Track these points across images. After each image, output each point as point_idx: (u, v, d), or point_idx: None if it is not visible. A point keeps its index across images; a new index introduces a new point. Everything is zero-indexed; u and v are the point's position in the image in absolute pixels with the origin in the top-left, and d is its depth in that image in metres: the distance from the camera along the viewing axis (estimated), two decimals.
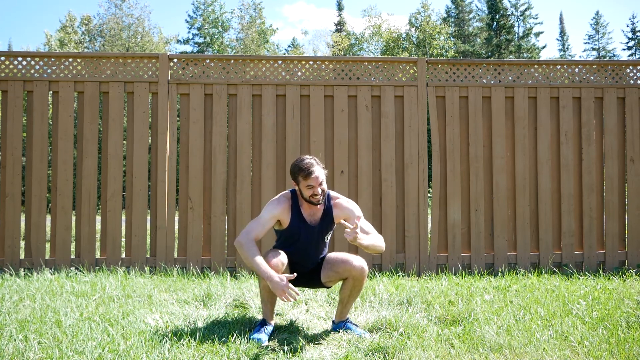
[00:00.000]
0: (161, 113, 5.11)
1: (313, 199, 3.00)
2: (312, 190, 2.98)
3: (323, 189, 3.01)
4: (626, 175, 5.48)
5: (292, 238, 3.11)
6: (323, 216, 3.12)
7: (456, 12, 36.63)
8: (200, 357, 2.54)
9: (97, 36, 29.13)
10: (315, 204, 3.02)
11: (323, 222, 3.12)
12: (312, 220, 3.10)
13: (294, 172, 3.02)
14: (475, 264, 5.22)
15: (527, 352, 2.69)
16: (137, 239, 4.99)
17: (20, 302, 3.52)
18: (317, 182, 2.97)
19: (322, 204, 3.09)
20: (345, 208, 3.12)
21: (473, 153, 5.31)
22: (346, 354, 2.66)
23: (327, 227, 3.15)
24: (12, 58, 5.04)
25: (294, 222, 3.07)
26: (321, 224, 3.11)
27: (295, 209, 3.09)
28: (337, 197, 3.18)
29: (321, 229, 3.12)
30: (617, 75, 5.52)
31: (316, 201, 3.01)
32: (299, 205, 3.10)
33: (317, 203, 3.02)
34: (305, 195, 3.01)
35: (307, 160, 3.00)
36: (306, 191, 3.00)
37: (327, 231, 3.16)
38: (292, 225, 3.08)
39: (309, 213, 3.10)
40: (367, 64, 5.35)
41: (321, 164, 3.06)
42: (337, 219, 3.13)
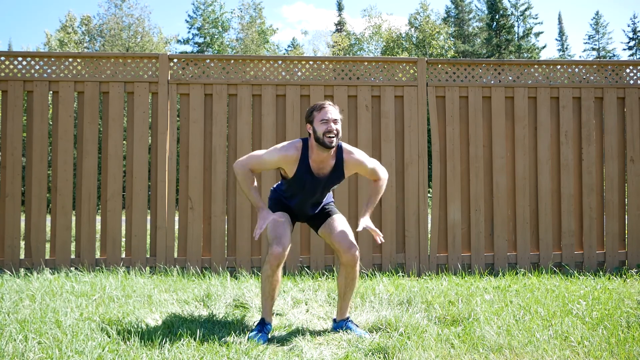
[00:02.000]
0: (161, 113, 5.11)
1: (327, 137, 2.83)
2: (327, 125, 2.83)
3: (338, 129, 2.86)
4: (626, 175, 5.48)
5: (296, 187, 3.03)
6: (333, 170, 2.99)
7: (456, 12, 36.62)
8: (200, 357, 2.54)
9: (97, 36, 29.11)
10: (328, 145, 2.84)
11: (332, 175, 3.01)
12: (320, 173, 2.97)
13: (308, 111, 2.94)
14: (475, 264, 5.22)
15: (527, 352, 2.69)
16: (137, 239, 4.99)
17: (20, 302, 3.52)
18: (331, 116, 2.84)
19: (334, 156, 2.96)
20: (357, 165, 3.03)
21: (473, 153, 5.31)
22: (346, 354, 2.66)
23: (335, 181, 3.06)
24: (12, 58, 5.04)
25: (299, 173, 2.95)
26: (329, 177, 3.01)
27: (304, 160, 2.94)
28: (350, 151, 3.01)
29: (328, 182, 3.03)
30: (617, 75, 5.52)
31: (329, 141, 2.84)
32: (308, 156, 2.94)
33: (330, 144, 2.84)
34: (319, 133, 2.84)
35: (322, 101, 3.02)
36: (320, 127, 2.84)
37: (334, 184, 3.08)
38: (297, 177, 2.96)
39: (317, 166, 2.95)
40: (367, 64, 5.35)
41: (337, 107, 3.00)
42: (347, 173, 3.04)
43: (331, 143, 2.85)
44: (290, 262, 5.05)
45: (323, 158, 2.95)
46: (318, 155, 2.94)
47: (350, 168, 3.03)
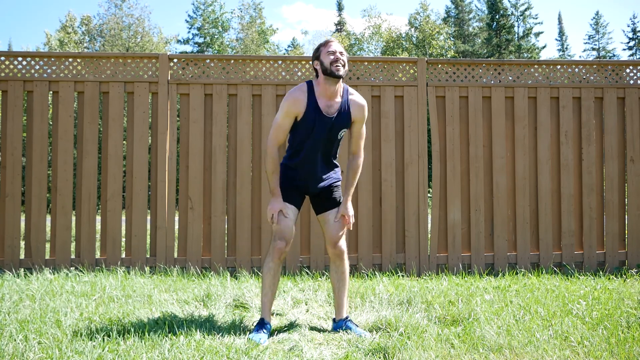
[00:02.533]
0: (161, 113, 5.11)
1: (334, 66, 2.91)
2: (334, 55, 2.93)
3: (344, 60, 2.95)
4: (626, 175, 5.48)
5: (305, 132, 3.01)
6: (340, 110, 3.02)
7: (456, 12, 36.63)
8: (200, 357, 2.54)
9: (97, 36, 29.13)
10: (336, 74, 2.92)
11: (339, 116, 3.02)
12: (328, 112, 3.01)
13: (315, 49, 3.05)
14: (475, 264, 5.22)
15: (527, 352, 2.69)
16: (137, 239, 4.99)
17: (20, 302, 3.52)
18: (337, 48, 2.96)
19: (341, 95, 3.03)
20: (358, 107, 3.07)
21: (473, 153, 5.31)
22: (346, 354, 2.66)
23: (343, 123, 3.04)
24: (12, 58, 5.04)
25: (309, 112, 2.98)
26: (337, 118, 3.02)
27: (311, 99, 2.99)
28: (354, 92, 3.11)
29: (336, 123, 3.02)
30: (617, 76, 5.53)
31: (336, 69, 2.91)
32: (315, 95, 3.00)
33: (337, 72, 2.92)
34: (326, 64, 2.93)
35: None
36: (327, 58, 2.94)
37: (342, 127, 3.05)
38: (307, 116, 2.98)
39: (325, 103, 3.01)
40: (367, 64, 5.35)
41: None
42: (352, 115, 3.06)
43: (338, 71, 2.93)
44: (290, 262, 5.05)
45: (331, 92, 3.00)
46: (326, 90, 3.00)
47: (354, 109, 3.06)
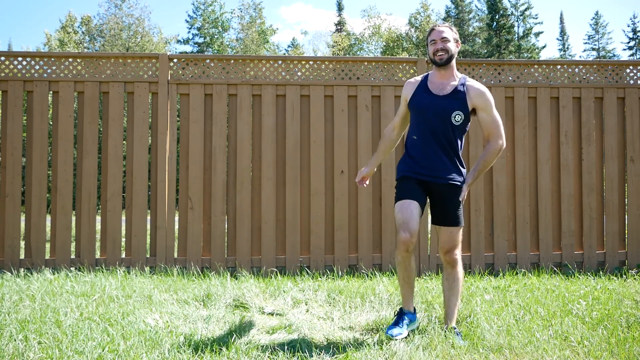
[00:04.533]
0: (161, 113, 5.11)
1: (436, 56, 2.95)
2: (435, 45, 2.96)
3: (447, 47, 2.95)
4: (626, 175, 5.48)
5: (416, 111, 3.01)
6: (454, 91, 2.97)
7: (456, 12, 36.63)
8: (200, 357, 2.54)
9: (97, 36, 29.14)
10: (438, 62, 2.95)
11: (452, 96, 2.96)
12: (438, 92, 2.99)
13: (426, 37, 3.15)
14: (475, 264, 5.22)
15: (527, 352, 2.69)
16: (137, 239, 4.99)
17: (20, 302, 3.52)
18: (439, 35, 2.96)
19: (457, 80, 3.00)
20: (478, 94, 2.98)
21: (473, 153, 5.31)
22: (346, 354, 2.66)
23: (456, 104, 2.95)
24: (12, 58, 5.04)
25: (418, 92, 3.03)
26: (449, 96, 2.96)
27: (423, 83, 3.06)
28: (470, 80, 3.05)
29: (449, 102, 2.95)
30: (617, 75, 5.52)
31: (439, 59, 2.94)
32: (427, 80, 3.06)
33: (439, 61, 2.95)
34: (430, 54, 2.99)
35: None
36: (430, 48, 2.99)
37: (456, 108, 2.94)
38: (415, 94, 3.03)
39: (436, 86, 3.00)
40: (367, 64, 5.35)
41: (454, 29, 3.05)
42: (469, 101, 2.96)
43: (441, 60, 2.96)
44: (290, 262, 5.06)
45: (442, 76, 3.02)
46: (436, 76, 3.04)
47: (471, 95, 2.98)
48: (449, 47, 2.96)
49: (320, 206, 5.11)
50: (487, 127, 3.02)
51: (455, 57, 3.02)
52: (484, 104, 3.00)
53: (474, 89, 2.99)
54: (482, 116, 3.02)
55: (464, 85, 3.00)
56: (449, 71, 3.01)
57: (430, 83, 3.04)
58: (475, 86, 3.01)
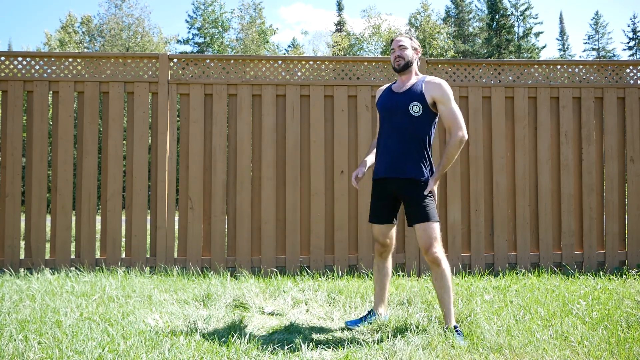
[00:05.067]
0: (161, 113, 5.11)
1: (395, 62, 3.22)
2: (393, 54, 3.24)
3: (403, 55, 3.20)
4: (626, 175, 5.48)
5: (380, 111, 3.27)
6: (412, 86, 3.20)
7: (456, 12, 36.64)
8: (200, 357, 2.54)
9: (97, 36, 29.14)
10: (396, 68, 3.22)
11: (410, 89, 3.18)
12: (400, 90, 3.23)
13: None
14: (475, 264, 5.22)
15: (527, 352, 2.69)
16: (137, 239, 4.99)
17: (20, 302, 3.52)
18: (396, 44, 3.24)
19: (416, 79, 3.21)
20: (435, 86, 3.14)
21: (473, 153, 5.31)
22: (346, 354, 2.66)
23: (413, 96, 3.14)
24: (12, 58, 5.04)
25: (383, 95, 3.31)
26: (407, 91, 3.18)
27: (389, 88, 3.31)
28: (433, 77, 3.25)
29: (406, 95, 3.16)
30: (617, 75, 5.53)
31: (397, 64, 3.21)
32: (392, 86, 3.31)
33: (397, 67, 3.21)
34: (391, 62, 3.27)
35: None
36: (391, 57, 3.28)
37: (413, 100, 3.13)
38: (381, 97, 3.31)
39: (398, 86, 3.26)
40: (367, 64, 5.35)
41: (414, 39, 3.31)
42: (426, 93, 3.14)
43: (399, 65, 3.22)
44: (291, 262, 5.06)
45: (403, 80, 3.27)
46: (399, 80, 3.31)
47: (429, 88, 3.15)
48: (405, 54, 3.22)
49: (320, 206, 5.11)
50: (447, 120, 3.14)
51: (414, 63, 3.25)
52: (441, 97, 3.13)
53: (431, 82, 3.18)
54: (441, 109, 3.15)
55: (422, 81, 3.21)
56: (409, 75, 3.26)
57: (394, 85, 3.31)
58: (433, 80, 3.20)
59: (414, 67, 3.25)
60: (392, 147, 3.13)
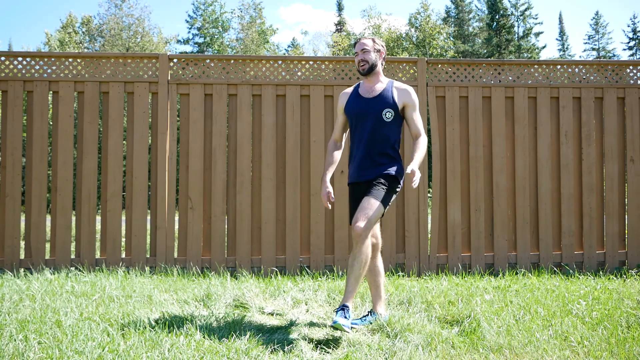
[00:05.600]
0: (161, 113, 5.11)
1: (359, 66, 3.22)
2: (357, 57, 3.23)
3: (367, 58, 3.19)
4: (626, 175, 5.48)
5: (351, 116, 3.25)
6: (383, 92, 3.21)
7: (456, 12, 36.64)
8: (200, 357, 2.54)
9: (98, 36, 29.14)
10: (361, 72, 3.22)
11: (381, 95, 3.20)
12: (368, 95, 3.23)
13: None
14: (476, 264, 5.22)
15: (527, 352, 2.69)
16: (137, 239, 4.99)
17: (20, 302, 3.52)
18: (360, 48, 3.21)
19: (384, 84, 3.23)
20: (404, 92, 3.21)
21: (473, 153, 5.31)
22: (346, 354, 2.66)
23: (386, 102, 3.18)
24: (12, 58, 5.04)
25: (351, 99, 3.29)
26: (379, 97, 3.20)
27: (355, 91, 3.31)
28: (398, 83, 3.27)
29: (379, 102, 3.18)
30: (617, 75, 5.53)
31: (361, 69, 3.20)
32: (358, 89, 3.31)
33: (362, 71, 3.21)
34: (356, 66, 3.27)
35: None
36: (355, 61, 3.25)
37: (386, 106, 3.17)
38: (350, 104, 3.28)
39: (366, 90, 3.25)
40: None
41: (378, 40, 3.27)
42: (398, 99, 3.19)
43: (363, 69, 3.22)
44: (291, 262, 5.06)
45: (370, 83, 3.27)
46: (365, 83, 3.31)
47: (401, 95, 3.21)
48: (369, 57, 3.21)
49: (320, 206, 5.11)
50: (414, 125, 3.24)
51: (378, 66, 3.25)
52: (412, 103, 3.23)
53: (401, 89, 3.25)
54: (409, 114, 3.24)
55: (392, 86, 3.25)
56: (375, 77, 3.27)
57: (360, 89, 3.30)
58: (403, 87, 3.26)
59: (379, 68, 3.26)
60: (366, 152, 3.16)
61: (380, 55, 3.26)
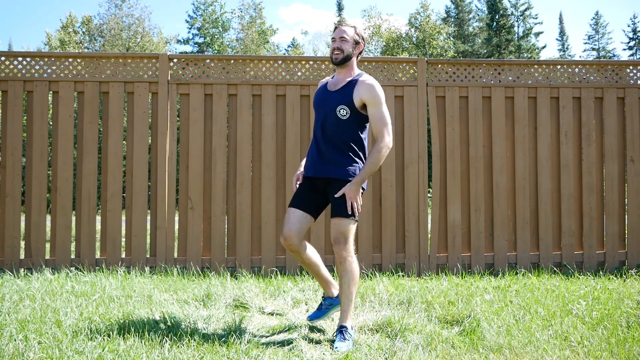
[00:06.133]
0: (161, 113, 5.11)
1: (333, 54, 3.03)
2: (333, 44, 3.04)
3: (342, 47, 3.00)
4: (626, 175, 5.48)
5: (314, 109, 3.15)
6: (344, 86, 3.04)
7: (456, 12, 36.64)
8: (200, 357, 2.54)
9: (98, 36, 29.14)
10: (333, 61, 3.03)
11: (341, 90, 3.03)
12: (333, 88, 3.09)
13: None
14: (475, 264, 5.22)
15: (527, 352, 2.69)
16: (137, 239, 4.99)
17: (20, 302, 3.52)
18: (338, 34, 3.03)
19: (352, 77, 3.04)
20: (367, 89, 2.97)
21: (473, 153, 5.31)
22: (346, 354, 2.66)
23: (342, 98, 2.99)
24: (12, 58, 5.04)
25: (319, 90, 3.17)
26: (338, 91, 3.03)
27: (327, 82, 3.17)
28: (368, 77, 3.05)
29: (336, 96, 3.01)
30: (617, 75, 5.53)
31: (335, 58, 3.02)
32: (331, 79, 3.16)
33: (334, 60, 3.02)
34: (330, 52, 3.07)
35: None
36: (330, 47, 3.08)
37: (341, 102, 2.98)
38: (317, 93, 3.17)
39: (334, 83, 3.11)
40: (367, 64, 5.35)
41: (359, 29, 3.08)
42: (355, 95, 2.98)
43: (336, 59, 3.03)
44: (291, 262, 5.05)
45: (341, 75, 3.10)
46: (338, 74, 3.13)
47: (360, 91, 2.98)
48: (345, 47, 3.01)
49: None
50: (375, 124, 2.99)
51: (353, 57, 3.05)
52: (372, 99, 2.98)
53: (364, 84, 3.00)
54: (371, 112, 3.00)
55: (356, 81, 3.02)
56: (347, 69, 3.07)
57: (330, 82, 3.14)
58: (366, 81, 3.01)
59: (353, 61, 3.06)
60: (321, 148, 3.02)
61: (358, 47, 3.06)
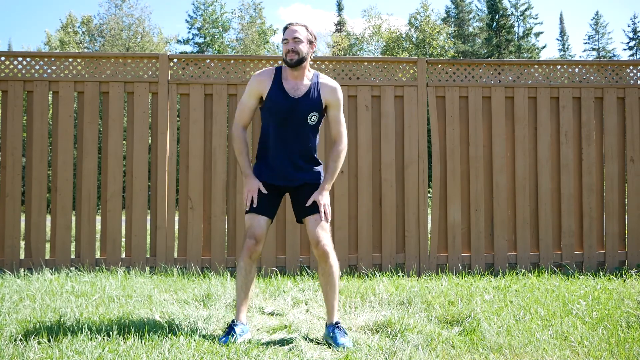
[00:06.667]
0: (161, 113, 5.11)
1: (287, 56, 2.87)
2: (286, 45, 2.88)
3: (297, 49, 2.86)
4: (626, 175, 5.48)
5: (271, 113, 2.93)
6: (308, 91, 2.93)
7: (456, 12, 36.64)
8: (200, 357, 2.54)
9: (98, 36, 29.15)
10: (288, 63, 2.87)
11: (307, 96, 2.92)
12: (294, 93, 2.93)
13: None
14: (475, 264, 5.22)
15: (527, 352, 2.69)
16: (137, 239, 4.99)
17: (20, 302, 3.52)
18: (291, 35, 2.88)
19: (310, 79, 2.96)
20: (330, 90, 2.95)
21: (473, 153, 5.31)
22: (346, 354, 2.66)
23: (312, 105, 2.93)
24: (12, 58, 5.04)
25: (272, 90, 2.93)
26: (304, 97, 2.92)
27: (276, 80, 2.96)
28: (322, 76, 3.00)
29: (304, 103, 2.91)
30: (617, 75, 5.53)
31: (289, 59, 2.86)
32: (281, 78, 2.96)
33: (289, 61, 2.86)
34: (283, 53, 2.90)
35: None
36: (283, 47, 2.90)
37: (312, 109, 2.93)
38: (271, 94, 2.93)
39: (291, 86, 2.94)
40: (367, 64, 5.35)
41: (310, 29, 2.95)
42: (323, 98, 2.94)
43: (292, 60, 2.88)
44: (291, 262, 5.06)
45: (295, 77, 2.96)
46: (290, 75, 2.96)
47: (325, 92, 2.96)
48: (300, 48, 2.88)
49: None
50: (336, 127, 2.99)
51: (308, 59, 2.94)
52: (336, 102, 2.98)
53: (327, 86, 2.97)
54: (333, 114, 2.99)
55: (317, 83, 2.97)
56: (301, 72, 2.95)
57: (284, 81, 2.96)
58: (329, 83, 2.98)
59: (308, 62, 2.95)
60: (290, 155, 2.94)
61: (311, 47, 2.95)
